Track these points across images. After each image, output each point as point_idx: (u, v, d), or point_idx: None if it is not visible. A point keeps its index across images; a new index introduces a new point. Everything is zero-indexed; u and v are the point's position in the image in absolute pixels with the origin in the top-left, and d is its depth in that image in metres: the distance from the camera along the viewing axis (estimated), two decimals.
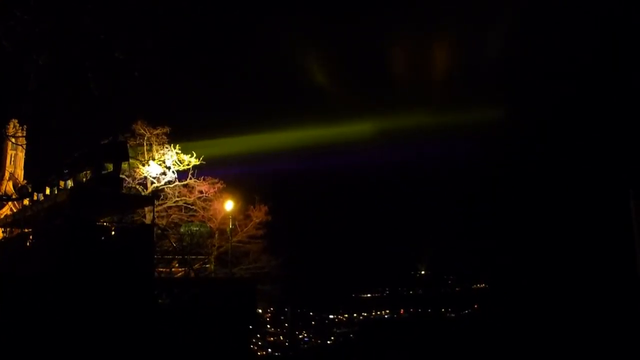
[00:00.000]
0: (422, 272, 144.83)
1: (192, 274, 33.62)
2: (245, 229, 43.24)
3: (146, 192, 38.03)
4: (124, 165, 30.35)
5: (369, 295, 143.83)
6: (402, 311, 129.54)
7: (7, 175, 54.94)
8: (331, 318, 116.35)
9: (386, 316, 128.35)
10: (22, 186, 31.99)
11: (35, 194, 25.14)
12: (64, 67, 13.27)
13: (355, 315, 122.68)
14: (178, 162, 39.19)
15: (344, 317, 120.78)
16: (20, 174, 56.24)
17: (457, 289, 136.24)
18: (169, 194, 39.87)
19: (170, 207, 40.23)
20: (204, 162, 39.90)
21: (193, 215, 41.69)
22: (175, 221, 41.27)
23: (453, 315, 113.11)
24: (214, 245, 42.43)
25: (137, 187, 38.72)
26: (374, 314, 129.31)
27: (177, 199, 40.15)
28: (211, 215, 41.73)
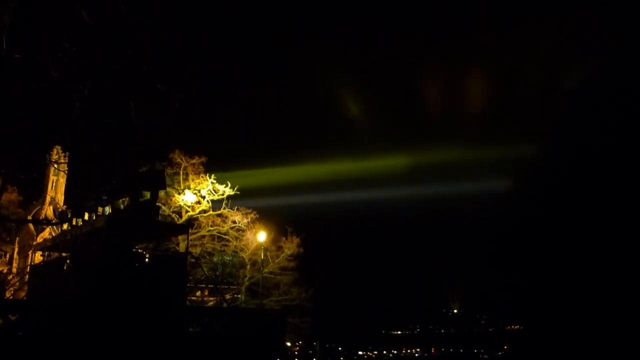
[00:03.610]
0: (455, 311, 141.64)
1: (224, 304, 33.60)
2: (276, 260, 43.24)
3: (181, 221, 38.48)
4: (161, 194, 30.84)
5: (399, 332, 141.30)
6: (433, 350, 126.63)
7: (48, 199, 56.47)
8: (360, 354, 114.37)
9: (417, 354, 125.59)
10: (62, 211, 32.71)
11: (74, 219, 25.64)
12: (106, 97, 13.71)
13: (385, 352, 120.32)
14: (213, 192, 39.67)
15: (373, 354, 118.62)
16: (60, 199, 57.74)
17: (490, 329, 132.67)
18: (202, 222, 40.29)
19: (203, 236, 40.60)
20: (238, 192, 40.33)
21: (226, 245, 41.94)
22: (209, 250, 41.56)
23: (486, 356, 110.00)
24: (246, 276, 42.50)
25: (173, 215, 39.25)
26: (404, 351, 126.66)
27: (211, 228, 40.50)
28: (243, 245, 41.93)
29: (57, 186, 58.38)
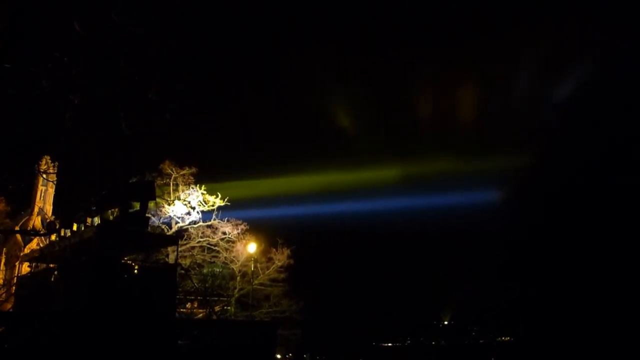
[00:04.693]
0: (445, 322, 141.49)
1: (214, 316, 33.38)
2: (267, 272, 43.03)
3: (171, 232, 38.26)
4: (151, 205, 30.67)
5: (389, 344, 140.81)
6: None
7: (36, 210, 55.98)
8: None
9: None
10: (50, 222, 32.48)
11: (62, 229, 25.45)
12: (98, 107, 13.63)
13: None
14: (203, 203, 39.49)
15: None
16: (49, 209, 57.25)
17: (481, 340, 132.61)
18: (192, 234, 40.06)
19: (193, 247, 40.35)
20: (229, 204, 40.21)
21: (216, 256, 41.69)
22: (198, 261, 41.30)
23: None
24: (235, 287, 42.25)
25: (162, 226, 39.00)
26: None
27: (201, 239, 40.28)
28: (234, 256, 41.69)
29: (45, 196, 57.92)
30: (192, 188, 39.49)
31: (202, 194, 39.41)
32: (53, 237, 26.95)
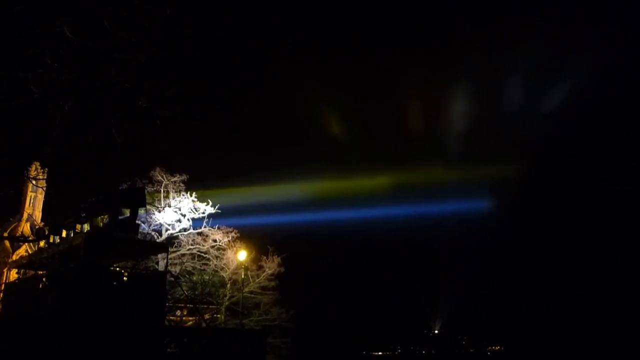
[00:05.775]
0: (436, 331, 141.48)
1: (203, 324, 33.19)
2: (257, 280, 42.89)
3: (161, 239, 38.08)
4: (141, 211, 30.52)
5: (380, 353, 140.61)
6: None
7: (25, 216, 55.49)
8: None
9: None
10: (40, 228, 32.23)
11: (51, 236, 25.28)
12: (88, 114, 13.59)
13: None
14: (194, 210, 39.36)
15: None
16: (38, 215, 56.75)
17: (471, 349, 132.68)
18: (183, 241, 39.90)
19: (183, 255, 40.17)
20: (219, 211, 40.10)
21: (206, 264, 41.51)
22: (188, 269, 41.11)
23: None
24: (226, 295, 42.07)
25: (152, 233, 38.83)
26: None
27: (191, 246, 40.11)
28: (224, 264, 41.55)
29: (35, 203, 57.36)
30: (183, 195, 39.36)
31: (193, 201, 39.28)
32: (42, 243, 26.76)
